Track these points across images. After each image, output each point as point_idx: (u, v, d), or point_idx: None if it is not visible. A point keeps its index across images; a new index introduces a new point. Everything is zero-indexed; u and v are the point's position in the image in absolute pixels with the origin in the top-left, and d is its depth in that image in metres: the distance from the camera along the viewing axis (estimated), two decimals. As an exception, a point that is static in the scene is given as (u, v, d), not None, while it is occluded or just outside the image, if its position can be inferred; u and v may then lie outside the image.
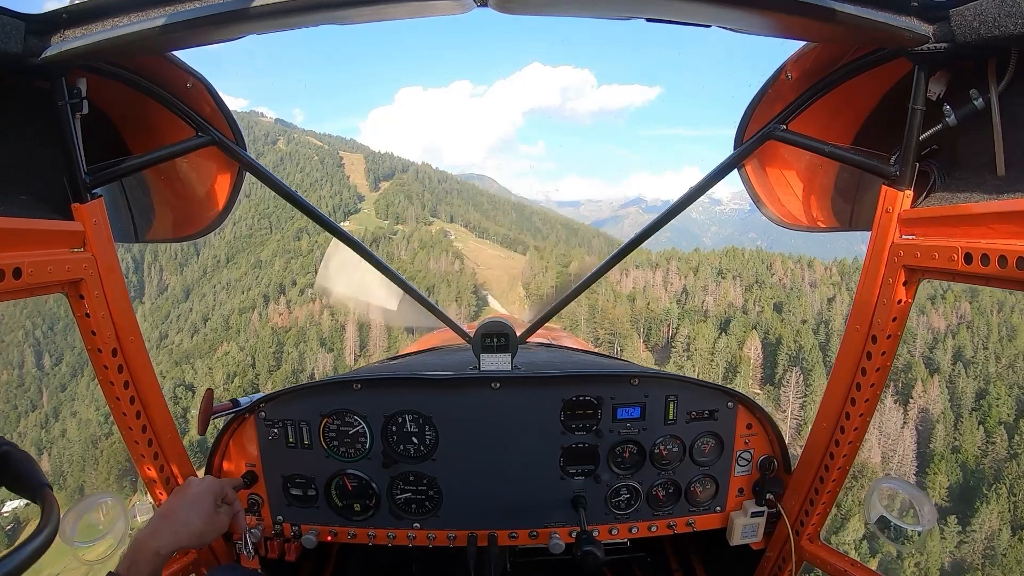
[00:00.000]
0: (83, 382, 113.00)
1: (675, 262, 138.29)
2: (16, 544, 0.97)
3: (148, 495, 2.26)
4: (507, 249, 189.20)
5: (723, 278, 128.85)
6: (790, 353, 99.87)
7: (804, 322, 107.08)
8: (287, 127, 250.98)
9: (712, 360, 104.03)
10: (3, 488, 1.18)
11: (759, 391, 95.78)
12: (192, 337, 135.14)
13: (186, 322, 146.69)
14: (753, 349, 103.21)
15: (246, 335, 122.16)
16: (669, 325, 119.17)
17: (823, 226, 2.38)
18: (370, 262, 2.67)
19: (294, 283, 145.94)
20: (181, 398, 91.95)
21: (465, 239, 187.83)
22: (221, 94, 2.06)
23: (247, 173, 2.30)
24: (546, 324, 2.99)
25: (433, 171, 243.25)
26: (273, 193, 2.32)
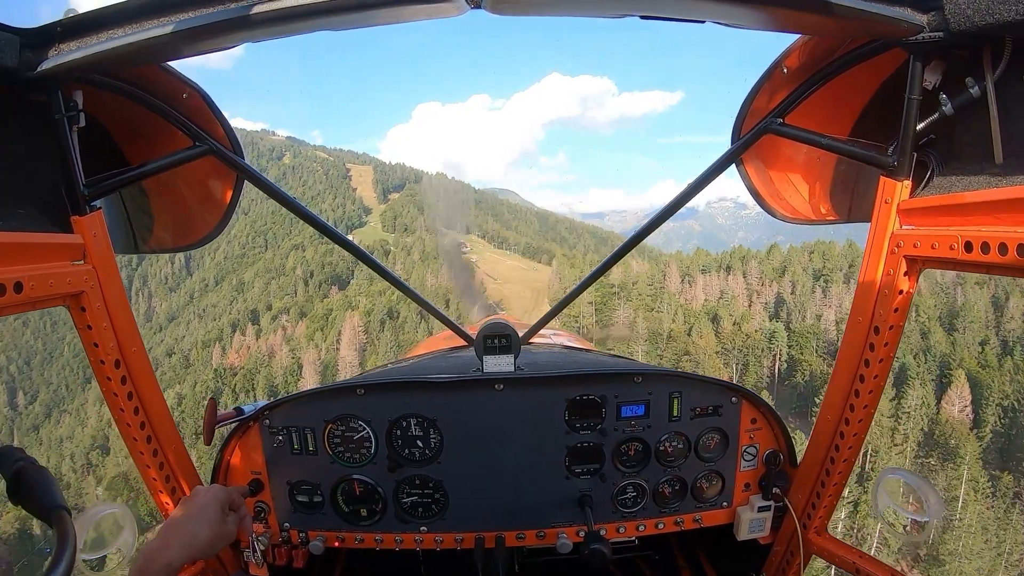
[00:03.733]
0: (51, 423, 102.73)
1: (753, 263, 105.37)
2: None
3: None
4: (529, 259, 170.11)
5: (827, 282, 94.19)
6: (1003, 403, 59.43)
7: (984, 343, 69.37)
8: (295, 143, 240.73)
9: (897, 427, 60.46)
10: (18, 507, 1.10)
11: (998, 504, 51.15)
12: None
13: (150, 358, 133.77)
14: (958, 403, 61.45)
15: (195, 377, 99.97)
16: (776, 356, 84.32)
17: (822, 219, 2.38)
18: (371, 267, 2.68)
19: (269, 307, 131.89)
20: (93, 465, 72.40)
21: (481, 251, 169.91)
22: (223, 109, 2.07)
23: (246, 182, 2.30)
24: (548, 324, 2.99)
25: (448, 181, 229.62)
26: (269, 209, 2.33)
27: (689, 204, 2.52)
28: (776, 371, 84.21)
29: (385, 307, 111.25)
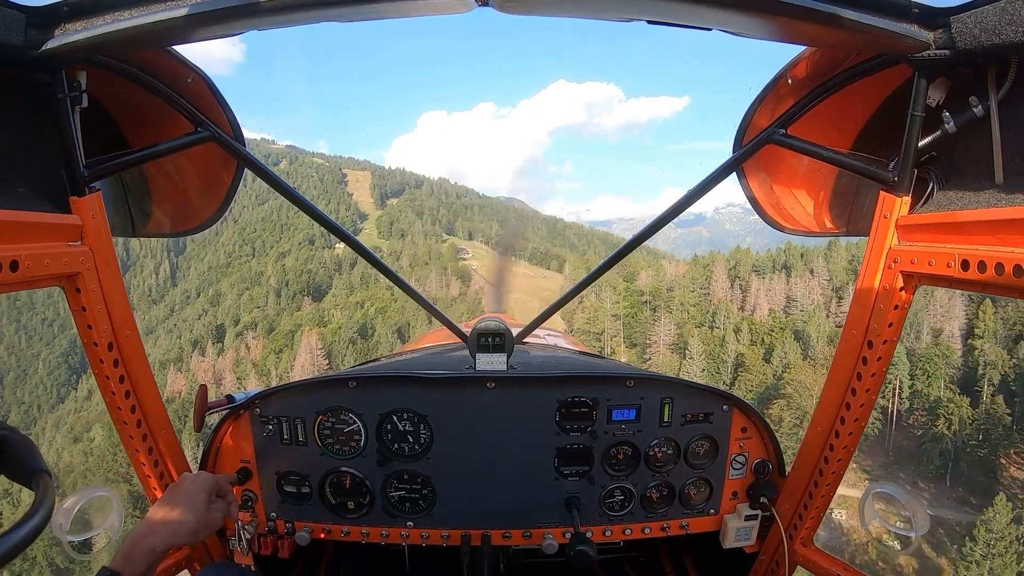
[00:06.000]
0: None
1: (819, 262, 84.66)
2: (4, 530, 0.89)
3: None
4: (537, 266, 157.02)
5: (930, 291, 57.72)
6: None
7: None
8: (293, 150, 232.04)
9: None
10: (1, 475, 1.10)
11: None
12: (90, 400, 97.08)
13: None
14: None
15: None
16: (896, 390, 58.18)
17: (822, 231, 2.38)
18: (369, 261, 2.68)
19: (236, 321, 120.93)
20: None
21: (484, 257, 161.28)
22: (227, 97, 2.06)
23: (246, 169, 2.30)
24: (543, 324, 2.99)
25: (451, 186, 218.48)
26: (260, 216, 2.32)
27: (697, 210, 2.53)
28: (894, 411, 58.86)
29: (358, 323, 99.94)
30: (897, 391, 59.40)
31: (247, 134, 2.21)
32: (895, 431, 58.78)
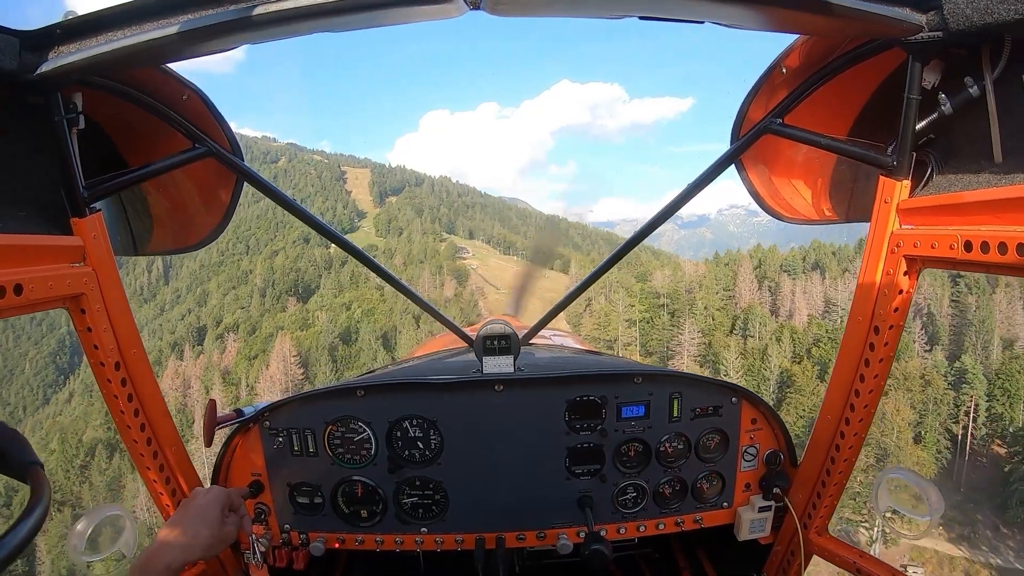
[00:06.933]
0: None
1: (857, 263, 45.69)
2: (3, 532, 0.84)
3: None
4: (539, 266, 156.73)
5: (973, 286, 59.67)
6: None
7: None
8: (293, 148, 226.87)
9: None
10: None
11: None
12: (70, 404, 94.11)
13: (80, 384, 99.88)
14: None
15: (70, 435, 68.98)
16: (971, 412, 51.55)
17: (822, 219, 2.38)
18: (371, 268, 2.68)
19: (218, 323, 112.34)
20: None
21: (484, 256, 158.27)
22: (231, 118, 2.09)
23: (246, 184, 2.30)
24: (548, 324, 2.99)
25: (453, 184, 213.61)
26: (255, 214, 2.32)
27: (700, 212, 2.55)
28: (967, 434, 50.43)
29: (342, 327, 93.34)
30: (972, 413, 51.35)
31: (250, 133, 2.19)
32: (965, 459, 51.30)
